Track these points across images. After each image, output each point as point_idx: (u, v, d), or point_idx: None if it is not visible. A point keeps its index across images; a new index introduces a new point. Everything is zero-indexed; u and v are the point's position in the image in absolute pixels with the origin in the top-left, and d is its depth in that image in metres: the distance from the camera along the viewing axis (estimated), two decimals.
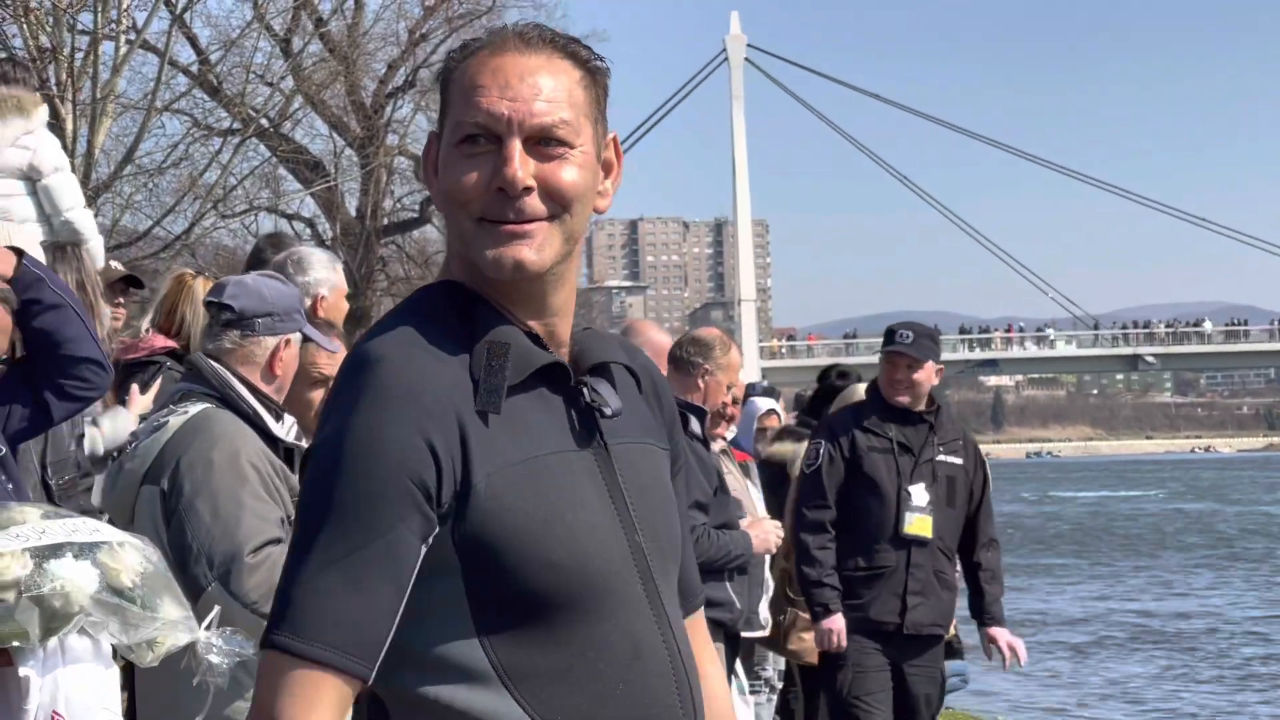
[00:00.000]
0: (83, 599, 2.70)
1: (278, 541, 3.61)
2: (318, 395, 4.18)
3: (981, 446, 6.78)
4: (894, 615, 6.24)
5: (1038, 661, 16.28)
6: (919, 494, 6.28)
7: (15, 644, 2.69)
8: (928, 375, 6.41)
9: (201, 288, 5.45)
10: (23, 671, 2.73)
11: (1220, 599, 23.20)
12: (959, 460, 6.45)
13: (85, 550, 2.74)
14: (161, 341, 5.39)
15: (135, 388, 5.12)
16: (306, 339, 4.02)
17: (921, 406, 6.44)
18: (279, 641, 1.72)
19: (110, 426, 4.96)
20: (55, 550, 2.71)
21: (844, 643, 6.20)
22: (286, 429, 3.88)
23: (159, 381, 5.19)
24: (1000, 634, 6.40)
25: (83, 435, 4.50)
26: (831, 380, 8.47)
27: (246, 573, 3.54)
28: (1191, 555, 32.12)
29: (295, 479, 3.76)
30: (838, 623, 6.18)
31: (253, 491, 3.60)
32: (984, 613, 6.44)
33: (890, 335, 6.49)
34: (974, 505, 6.47)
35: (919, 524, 6.26)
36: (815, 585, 6.23)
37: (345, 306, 5.17)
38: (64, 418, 3.96)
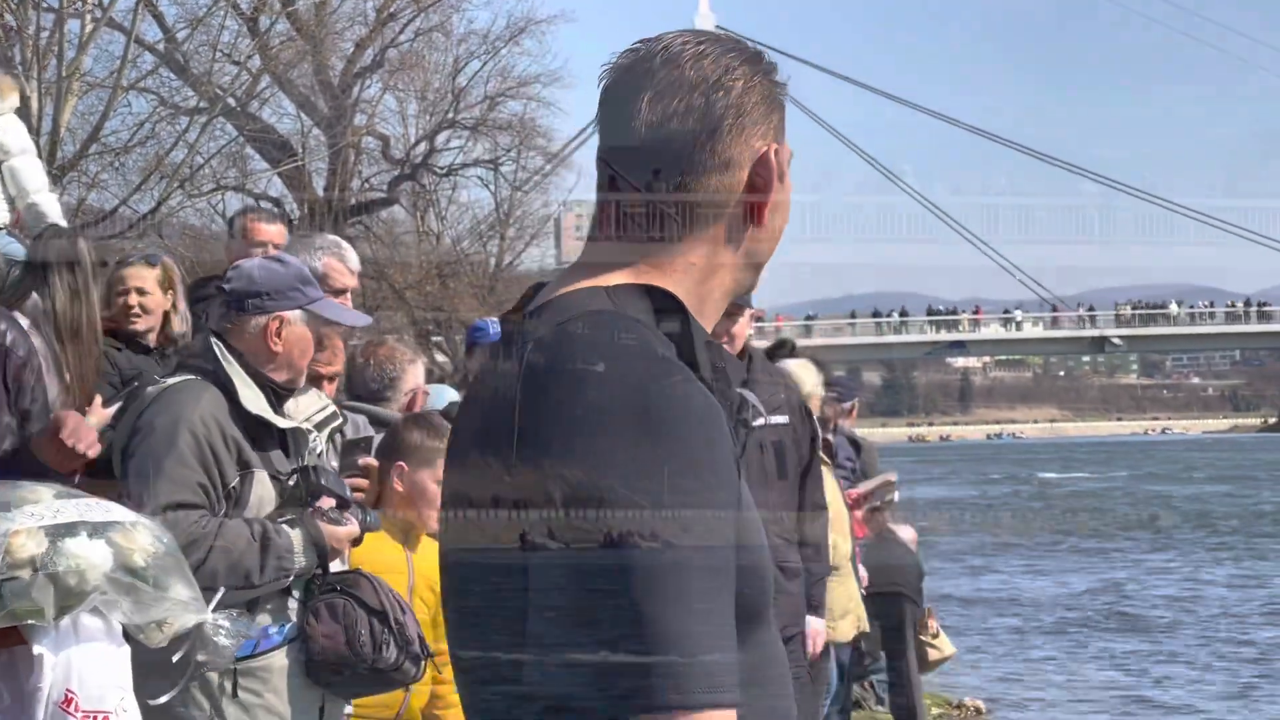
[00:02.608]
0: (97, 577, 2.74)
1: (192, 506, 3.67)
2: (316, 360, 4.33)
3: (948, 429, 5.55)
4: None
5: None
6: None
7: (30, 621, 2.71)
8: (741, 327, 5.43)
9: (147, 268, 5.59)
10: (36, 649, 2.75)
11: None
12: (784, 419, 5.38)
13: (99, 529, 2.78)
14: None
15: (98, 399, 5.16)
16: (315, 314, 4.08)
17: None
18: (703, 700, 1.54)
19: None
20: (70, 529, 2.75)
21: None
22: (306, 410, 4.03)
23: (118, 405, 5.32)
24: (813, 626, 5.25)
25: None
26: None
27: None
28: None
29: (254, 455, 3.82)
30: None
31: (178, 456, 3.67)
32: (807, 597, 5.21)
33: None
34: (804, 470, 5.35)
35: None
36: None
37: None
38: None
